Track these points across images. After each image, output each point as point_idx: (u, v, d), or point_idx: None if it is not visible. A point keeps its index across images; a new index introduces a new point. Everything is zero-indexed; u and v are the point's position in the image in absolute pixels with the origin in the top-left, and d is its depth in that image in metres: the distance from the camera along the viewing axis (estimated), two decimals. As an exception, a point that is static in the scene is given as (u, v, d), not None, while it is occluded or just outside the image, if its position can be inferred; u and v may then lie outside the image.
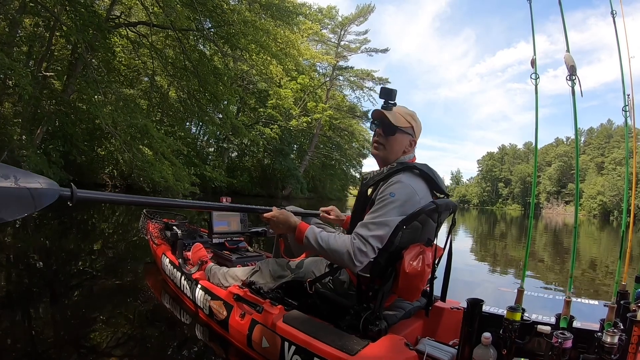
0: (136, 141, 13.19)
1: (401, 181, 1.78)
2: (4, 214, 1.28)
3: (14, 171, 1.33)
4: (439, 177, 1.94)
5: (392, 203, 1.72)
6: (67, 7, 11.65)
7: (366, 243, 1.67)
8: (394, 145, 1.95)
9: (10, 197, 1.29)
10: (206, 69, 15.25)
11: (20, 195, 1.31)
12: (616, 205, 55.33)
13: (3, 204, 1.27)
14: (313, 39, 32.51)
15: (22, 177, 1.33)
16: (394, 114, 1.92)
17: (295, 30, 19.52)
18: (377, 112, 1.96)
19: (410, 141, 1.98)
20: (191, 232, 3.45)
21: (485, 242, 11.27)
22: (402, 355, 1.57)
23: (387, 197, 1.74)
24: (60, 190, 1.44)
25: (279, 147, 29.42)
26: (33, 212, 1.38)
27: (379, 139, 1.98)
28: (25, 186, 1.33)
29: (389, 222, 1.69)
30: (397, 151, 1.96)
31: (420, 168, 1.86)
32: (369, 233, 1.69)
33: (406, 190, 1.75)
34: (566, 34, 1.74)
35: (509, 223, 25.53)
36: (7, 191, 1.28)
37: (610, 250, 11.12)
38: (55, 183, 1.44)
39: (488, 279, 5.13)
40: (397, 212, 1.71)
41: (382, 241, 1.69)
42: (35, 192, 1.35)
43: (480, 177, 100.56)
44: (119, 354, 2.20)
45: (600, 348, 1.42)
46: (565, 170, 77.40)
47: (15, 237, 5.38)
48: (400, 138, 1.94)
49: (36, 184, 1.37)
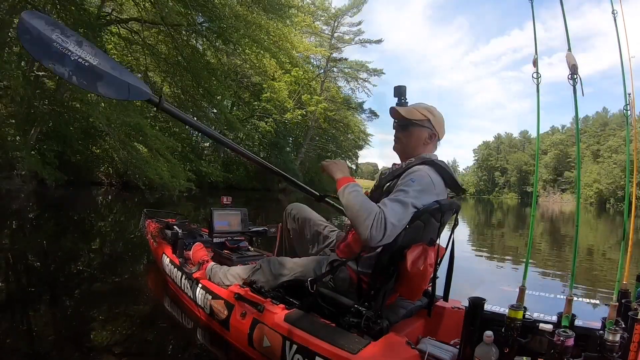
0: (131, 139, 13.13)
1: (422, 170, 1.79)
2: (105, 90, 1.92)
3: (123, 71, 1.99)
4: (454, 173, 1.94)
5: (411, 187, 1.72)
6: (58, 6, 11.53)
7: (385, 219, 1.60)
8: (410, 139, 1.98)
9: (113, 83, 1.91)
10: (199, 64, 15.18)
11: (120, 84, 1.94)
12: (612, 193, 55.61)
13: (107, 85, 1.89)
14: (306, 31, 32.32)
15: (126, 75, 1.98)
16: (407, 109, 1.97)
17: (287, 23, 19.41)
18: (392, 109, 2.01)
19: (430, 134, 1.98)
20: (192, 231, 3.45)
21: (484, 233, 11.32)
22: (404, 354, 1.58)
23: (408, 182, 1.74)
24: (151, 95, 2.04)
25: (274, 140, 29.33)
26: (126, 99, 2.03)
27: (396, 134, 2.02)
28: (126, 80, 1.96)
29: (407, 202, 1.67)
30: (415, 145, 1.98)
31: (439, 164, 1.87)
32: (388, 210, 1.64)
33: (425, 180, 1.76)
34: (567, 33, 1.73)
35: (506, 212, 25.66)
36: (113, 78, 1.90)
37: (607, 238, 11.21)
38: (148, 90, 2.05)
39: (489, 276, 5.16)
40: (415, 197, 1.70)
41: (399, 219, 1.63)
42: (131, 87, 1.98)
43: (477, 167, 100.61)
44: (119, 353, 2.20)
45: (602, 346, 1.42)
46: (561, 159, 77.60)
47: (13, 238, 5.36)
48: (416, 131, 1.96)
49: (135, 82, 2.00)
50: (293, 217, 2.49)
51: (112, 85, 1.90)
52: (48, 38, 1.69)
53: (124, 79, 1.94)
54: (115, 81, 1.90)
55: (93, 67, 1.82)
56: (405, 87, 2.03)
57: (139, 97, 2.00)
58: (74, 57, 1.76)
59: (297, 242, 2.45)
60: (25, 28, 1.67)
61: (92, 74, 1.83)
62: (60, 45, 1.72)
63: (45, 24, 1.70)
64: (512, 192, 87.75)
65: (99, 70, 1.84)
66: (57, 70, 1.74)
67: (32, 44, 1.68)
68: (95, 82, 1.85)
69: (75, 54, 1.76)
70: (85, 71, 1.80)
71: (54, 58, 1.72)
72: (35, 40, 1.68)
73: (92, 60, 1.82)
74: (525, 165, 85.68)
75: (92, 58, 1.82)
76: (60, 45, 1.72)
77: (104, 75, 1.86)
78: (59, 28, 1.74)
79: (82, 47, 1.79)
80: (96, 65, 1.83)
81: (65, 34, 1.75)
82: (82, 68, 1.79)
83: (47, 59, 1.72)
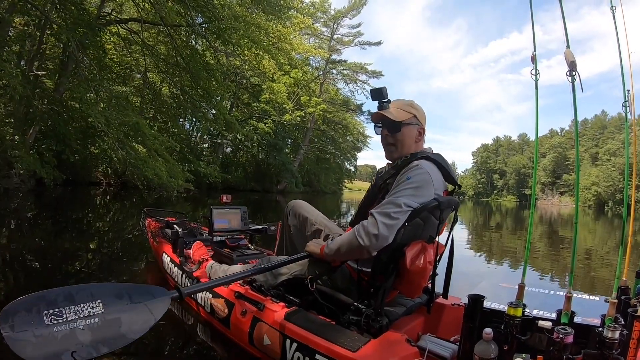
0: (129, 139, 13.12)
1: (419, 167, 1.79)
2: (132, 331, 1.39)
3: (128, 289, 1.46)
4: (451, 167, 1.95)
5: (407, 185, 1.73)
6: (58, 5, 11.53)
7: (374, 221, 1.67)
8: (404, 140, 1.95)
9: (132, 314, 1.41)
10: (198, 64, 15.17)
11: (140, 311, 1.44)
12: (611, 196, 55.70)
13: (130, 323, 1.39)
14: (306, 32, 32.37)
15: (135, 293, 1.46)
16: (395, 111, 1.93)
17: (287, 24, 19.44)
18: (376, 115, 1.97)
19: (419, 130, 1.98)
20: (192, 230, 3.44)
21: (483, 235, 11.32)
22: (404, 351, 1.58)
23: (403, 180, 1.75)
24: (171, 295, 1.57)
25: (273, 141, 29.35)
26: (154, 325, 1.45)
27: (388, 140, 1.98)
28: (141, 301, 1.45)
29: (400, 202, 1.68)
30: (409, 144, 1.96)
31: (435, 158, 1.87)
32: (378, 210, 1.70)
33: (423, 176, 1.76)
34: (566, 29, 1.74)
35: (504, 214, 25.68)
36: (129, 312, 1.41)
37: (606, 241, 11.22)
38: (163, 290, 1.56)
39: (489, 274, 5.16)
40: (411, 194, 1.71)
41: (391, 218, 1.67)
42: (149, 304, 1.46)
43: (475, 169, 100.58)
44: (118, 353, 2.19)
45: (602, 343, 1.42)
46: (560, 162, 77.75)
47: (10, 238, 5.34)
48: (408, 131, 1.95)
49: (146, 295, 1.48)
50: (294, 214, 2.48)
51: (133, 319, 1.40)
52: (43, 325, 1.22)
53: (138, 301, 1.44)
54: (132, 313, 1.41)
55: (104, 316, 1.35)
56: (385, 87, 1.93)
57: (162, 307, 1.51)
58: (80, 323, 1.29)
59: (297, 238, 2.44)
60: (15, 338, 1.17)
61: (110, 324, 1.35)
62: (60, 322, 1.26)
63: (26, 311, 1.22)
64: (511, 195, 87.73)
65: (111, 315, 1.37)
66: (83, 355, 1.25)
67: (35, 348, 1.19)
68: (118, 331, 1.36)
69: (79, 318, 1.30)
70: (103, 329, 1.33)
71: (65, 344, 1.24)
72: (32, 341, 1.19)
73: (97, 309, 1.35)
74: (523, 168, 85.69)
75: (94, 307, 1.35)
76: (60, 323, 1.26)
77: (120, 317, 1.38)
78: (40, 301, 1.27)
79: (77, 301, 1.33)
80: (105, 312, 1.36)
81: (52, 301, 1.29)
82: (97, 329, 1.32)
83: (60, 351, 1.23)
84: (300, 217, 2.44)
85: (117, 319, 1.37)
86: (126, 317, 1.39)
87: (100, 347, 1.30)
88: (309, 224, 2.39)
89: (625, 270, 1.90)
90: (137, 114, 14.78)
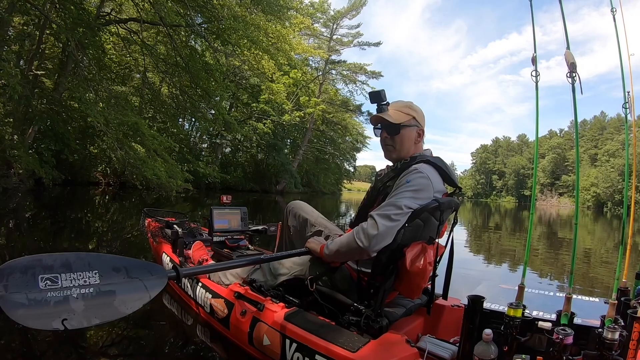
0: (128, 139, 13.12)
1: (419, 170, 1.79)
2: (125, 306, 1.37)
3: (124, 262, 1.43)
4: (451, 170, 1.95)
5: (406, 188, 1.73)
6: (57, 5, 11.52)
7: (374, 223, 1.67)
8: (404, 142, 1.95)
9: (128, 290, 1.39)
10: (198, 64, 15.17)
11: (136, 287, 1.42)
12: (610, 197, 55.80)
13: (124, 298, 1.37)
14: (305, 33, 32.41)
15: (133, 267, 1.44)
16: (394, 113, 1.93)
17: (286, 24, 19.43)
18: (375, 117, 1.97)
19: (418, 131, 1.98)
20: (192, 230, 3.44)
21: (482, 236, 11.32)
22: (403, 352, 1.58)
23: (403, 183, 1.75)
24: (167, 273, 1.54)
25: (272, 142, 29.38)
26: (148, 302, 1.42)
27: (387, 142, 1.98)
28: (137, 277, 1.43)
29: (401, 204, 1.69)
30: (408, 146, 1.96)
31: (434, 162, 1.88)
32: (378, 212, 1.70)
33: (423, 180, 1.76)
34: (566, 31, 1.74)
35: (503, 215, 25.68)
36: (124, 286, 1.39)
37: (605, 242, 11.23)
38: (161, 268, 1.54)
39: (488, 276, 5.16)
40: (410, 197, 1.71)
41: (391, 220, 1.67)
42: (146, 282, 1.45)
43: (474, 170, 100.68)
44: (118, 352, 2.20)
45: (601, 344, 1.43)
46: (559, 162, 77.88)
47: (9, 238, 5.33)
48: (407, 133, 1.95)
49: (143, 272, 1.46)
50: (294, 215, 2.48)
51: (128, 294, 1.38)
52: (37, 289, 1.20)
53: (135, 277, 1.43)
54: (128, 288, 1.39)
55: (99, 287, 1.33)
56: (384, 90, 1.95)
57: (158, 285, 1.48)
58: (74, 292, 1.28)
59: (297, 239, 2.44)
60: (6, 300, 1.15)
61: (104, 296, 1.34)
62: (55, 288, 1.24)
63: (21, 272, 1.20)
64: (510, 196, 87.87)
65: (106, 287, 1.35)
66: (74, 324, 1.24)
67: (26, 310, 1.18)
68: (111, 304, 1.35)
69: (74, 287, 1.28)
70: (97, 300, 1.31)
71: (57, 311, 1.23)
72: (24, 303, 1.18)
73: (93, 279, 1.32)
74: (523, 169, 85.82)
75: (91, 277, 1.32)
76: (54, 289, 1.24)
77: (115, 290, 1.37)
78: (37, 264, 1.24)
79: (73, 269, 1.30)
80: (100, 284, 1.34)
81: (49, 265, 1.26)
82: (91, 299, 1.31)
83: (51, 317, 1.22)
84: (300, 218, 2.44)
85: (111, 291, 1.36)
86: (121, 291, 1.38)
87: (91, 317, 1.29)
88: (309, 225, 2.39)
89: (624, 271, 1.91)
90: (137, 114, 14.77)
